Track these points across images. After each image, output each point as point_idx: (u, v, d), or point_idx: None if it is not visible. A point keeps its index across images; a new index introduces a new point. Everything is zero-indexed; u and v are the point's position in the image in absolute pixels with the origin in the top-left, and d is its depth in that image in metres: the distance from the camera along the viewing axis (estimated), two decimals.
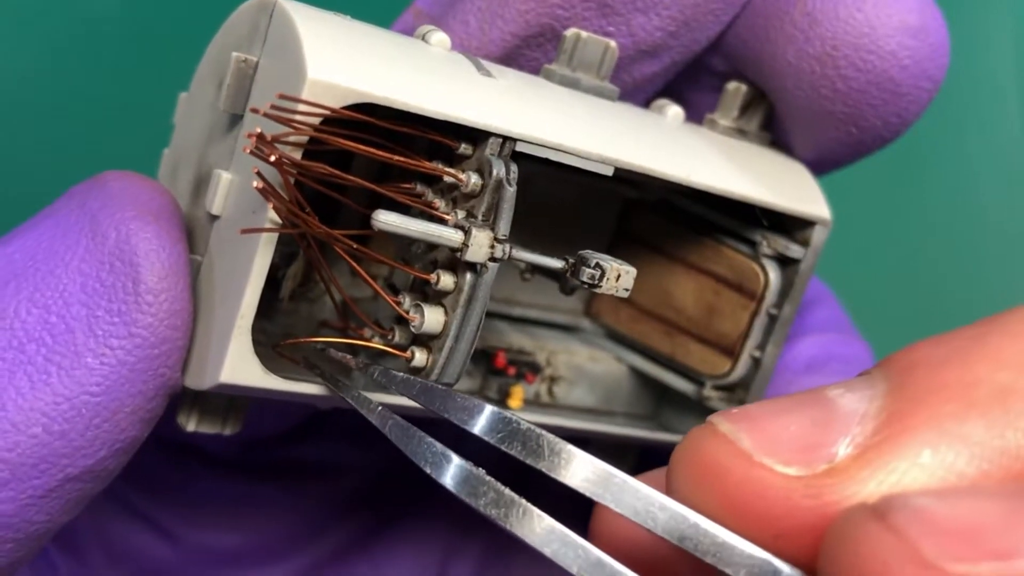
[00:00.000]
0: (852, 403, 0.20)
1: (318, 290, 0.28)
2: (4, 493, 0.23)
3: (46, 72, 0.43)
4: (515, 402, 0.29)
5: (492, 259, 0.24)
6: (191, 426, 0.26)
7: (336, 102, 0.22)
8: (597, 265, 0.24)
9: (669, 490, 0.20)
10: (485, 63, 0.26)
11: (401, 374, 0.24)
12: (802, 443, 0.19)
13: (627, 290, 0.24)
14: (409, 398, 0.23)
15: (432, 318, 0.24)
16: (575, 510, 0.23)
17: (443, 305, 0.24)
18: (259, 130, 0.21)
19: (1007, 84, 0.50)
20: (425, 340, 0.25)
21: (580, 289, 0.30)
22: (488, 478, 0.20)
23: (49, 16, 0.42)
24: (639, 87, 0.30)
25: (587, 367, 0.31)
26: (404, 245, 0.26)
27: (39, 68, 0.43)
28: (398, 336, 0.25)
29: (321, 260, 0.24)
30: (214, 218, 0.25)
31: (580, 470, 0.20)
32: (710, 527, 0.19)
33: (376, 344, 0.25)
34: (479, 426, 0.21)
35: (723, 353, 0.29)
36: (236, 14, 0.25)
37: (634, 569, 0.20)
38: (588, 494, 0.20)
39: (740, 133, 0.30)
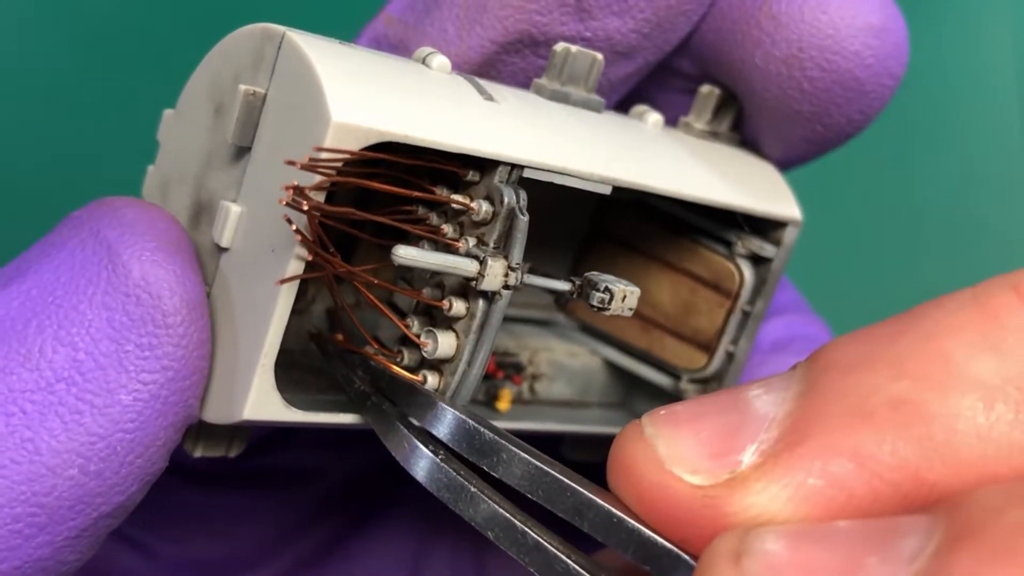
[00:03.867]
0: (766, 406, 0.20)
1: (304, 302, 0.29)
2: (41, 538, 0.23)
3: (22, 77, 0.42)
4: (504, 404, 0.30)
5: (506, 287, 0.24)
6: (198, 452, 0.26)
7: (357, 143, 0.22)
8: (607, 289, 0.25)
9: (610, 484, 0.21)
10: (483, 83, 0.26)
11: (378, 363, 0.25)
12: (710, 450, 0.20)
13: (631, 309, 0.25)
14: (376, 385, 0.25)
15: (445, 343, 0.25)
16: None
17: (454, 329, 0.25)
18: (296, 182, 0.21)
19: (1007, 84, 0.51)
20: (436, 364, 0.25)
21: (572, 301, 0.31)
22: (443, 464, 0.22)
23: (30, 22, 0.41)
24: (614, 88, 0.30)
25: (565, 363, 0.32)
26: (405, 268, 0.27)
27: (18, 71, 0.42)
28: (406, 358, 0.26)
29: (338, 290, 0.24)
30: (222, 250, 0.24)
31: (516, 468, 0.21)
32: (631, 525, 0.20)
33: (395, 367, 0.25)
34: (439, 427, 0.23)
35: (699, 348, 0.31)
36: (234, 39, 0.25)
37: None
38: (524, 492, 0.21)
39: (713, 135, 0.31)
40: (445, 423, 0.23)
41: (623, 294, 0.25)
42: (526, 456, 0.21)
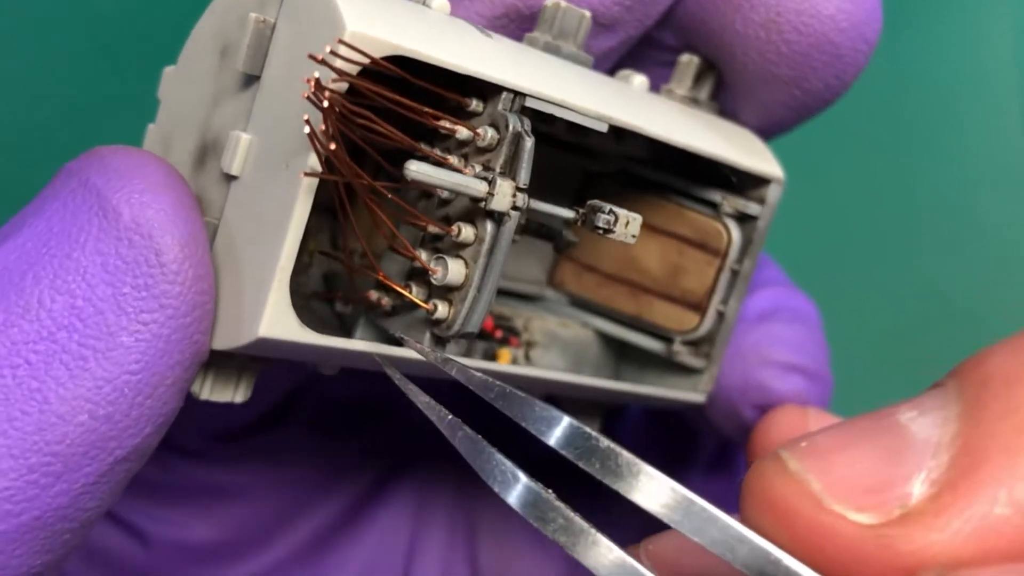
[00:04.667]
0: (925, 430, 0.19)
1: (300, 264, 0.29)
2: (58, 486, 0.22)
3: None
4: (503, 363, 0.30)
5: (514, 208, 0.25)
6: (205, 394, 0.26)
7: (372, 54, 0.23)
8: (611, 211, 0.25)
9: (743, 520, 0.20)
10: (480, 27, 0.27)
11: (480, 374, 0.23)
12: (874, 482, 0.19)
13: (634, 237, 0.26)
14: (486, 399, 0.23)
15: (454, 269, 0.25)
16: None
17: (462, 257, 0.25)
18: (317, 75, 0.22)
19: (1007, 84, 0.52)
20: (444, 292, 0.25)
21: (573, 245, 0.32)
22: (558, 503, 0.20)
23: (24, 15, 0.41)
24: (597, 61, 0.31)
25: (558, 332, 0.32)
26: (410, 201, 0.27)
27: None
28: (415, 291, 0.26)
29: (349, 211, 0.24)
30: (231, 179, 0.25)
31: (658, 494, 0.20)
32: (792, 565, 0.19)
33: (408, 295, 0.25)
34: (555, 438, 0.21)
35: (690, 309, 0.31)
36: None
37: None
38: (665, 520, 0.20)
39: (693, 102, 0.32)
40: (569, 439, 0.21)
41: (626, 219, 0.26)
42: (671, 481, 0.20)
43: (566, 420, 0.21)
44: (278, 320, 0.24)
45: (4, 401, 0.22)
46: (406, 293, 0.25)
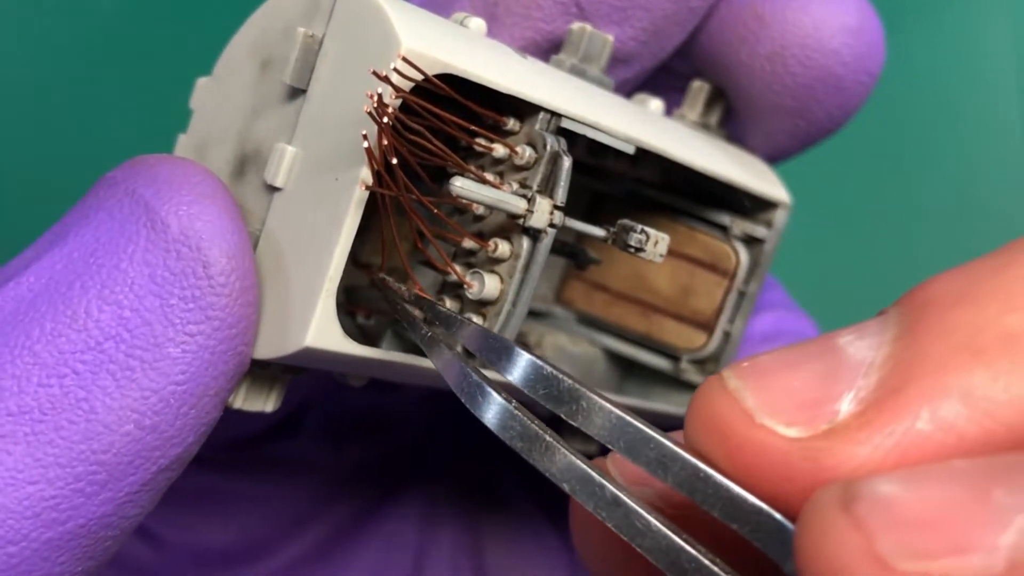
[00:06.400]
0: (861, 351, 0.19)
1: None
2: (103, 495, 0.23)
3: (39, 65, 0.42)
4: None
5: (551, 225, 0.25)
6: (238, 402, 0.26)
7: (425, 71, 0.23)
8: (643, 231, 0.26)
9: (686, 440, 0.20)
10: (515, 48, 0.27)
11: (445, 309, 0.24)
12: (805, 399, 0.19)
13: (662, 256, 0.26)
14: (453, 332, 0.24)
15: (490, 284, 0.25)
16: None
17: (497, 272, 0.26)
18: (380, 91, 0.22)
19: (1007, 85, 0.52)
20: (477, 307, 0.26)
21: (595, 263, 0.32)
22: (517, 412, 0.21)
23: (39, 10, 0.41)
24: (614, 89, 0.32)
25: (568, 348, 0.33)
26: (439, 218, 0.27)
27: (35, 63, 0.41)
28: (447, 305, 0.26)
29: (393, 225, 0.25)
30: (273, 191, 0.25)
31: (597, 418, 0.20)
32: (719, 481, 0.19)
33: (444, 307, 0.26)
34: (513, 374, 0.21)
35: (699, 328, 0.32)
36: None
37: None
38: (603, 441, 0.20)
39: (704, 127, 0.33)
40: (520, 368, 0.21)
41: (656, 239, 0.26)
42: (607, 405, 0.20)
43: (525, 355, 0.21)
44: (324, 330, 0.24)
45: (51, 410, 0.23)
46: (441, 306, 0.26)
